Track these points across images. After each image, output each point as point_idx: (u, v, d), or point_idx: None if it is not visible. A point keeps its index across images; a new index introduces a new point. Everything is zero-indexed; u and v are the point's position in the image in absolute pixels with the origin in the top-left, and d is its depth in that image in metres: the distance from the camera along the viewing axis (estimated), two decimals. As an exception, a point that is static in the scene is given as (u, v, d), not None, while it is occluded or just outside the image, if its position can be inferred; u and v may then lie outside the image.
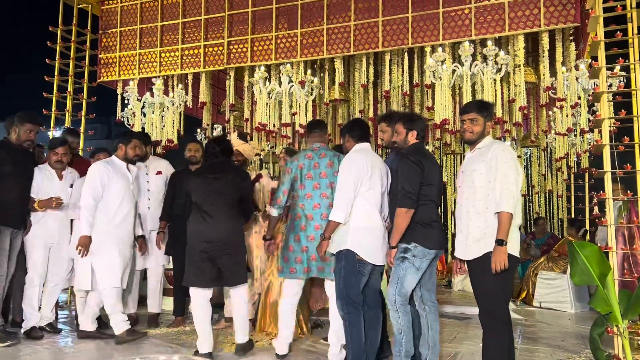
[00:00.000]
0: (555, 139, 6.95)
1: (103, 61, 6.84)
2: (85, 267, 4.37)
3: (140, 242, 4.81)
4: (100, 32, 6.88)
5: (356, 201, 3.41)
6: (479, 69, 5.22)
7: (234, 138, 5.08)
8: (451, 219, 9.92)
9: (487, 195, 3.11)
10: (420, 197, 3.29)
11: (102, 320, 4.70)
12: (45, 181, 4.57)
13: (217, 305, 5.71)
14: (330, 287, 3.73)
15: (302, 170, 3.78)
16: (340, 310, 3.44)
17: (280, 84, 6.04)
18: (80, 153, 6.37)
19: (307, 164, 3.78)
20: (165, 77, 6.79)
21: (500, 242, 3.01)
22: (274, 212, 3.92)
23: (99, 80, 6.87)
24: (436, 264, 3.56)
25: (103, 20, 6.90)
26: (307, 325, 4.68)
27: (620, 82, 5.03)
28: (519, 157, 8.15)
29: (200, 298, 3.89)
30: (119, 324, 4.34)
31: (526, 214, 9.54)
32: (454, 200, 9.81)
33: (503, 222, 3.02)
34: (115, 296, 4.32)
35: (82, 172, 4.77)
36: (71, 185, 4.71)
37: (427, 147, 3.87)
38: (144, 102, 6.74)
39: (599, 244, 4.96)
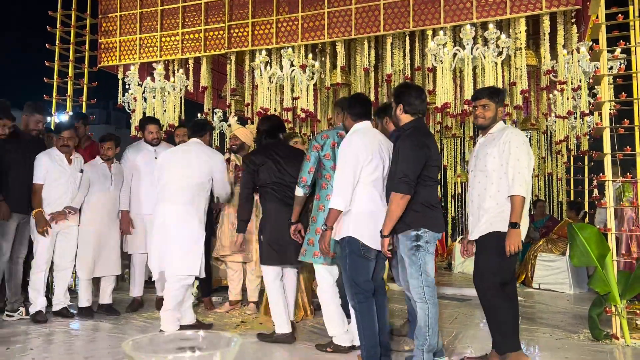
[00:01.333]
0: (556, 122, 6.97)
1: (103, 46, 6.82)
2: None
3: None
4: (100, 16, 6.85)
5: (358, 186, 3.20)
6: (480, 52, 5.23)
7: (232, 122, 5.11)
8: (451, 202, 9.97)
9: (500, 178, 3.18)
10: (425, 179, 3.08)
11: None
12: (55, 165, 4.61)
13: (221, 288, 5.80)
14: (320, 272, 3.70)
15: (334, 148, 3.56)
16: (350, 301, 3.27)
17: (281, 68, 6.04)
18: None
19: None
20: (166, 62, 6.78)
21: (514, 225, 3.09)
22: (300, 191, 3.67)
23: (99, 65, 6.86)
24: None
25: (102, 4, 6.86)
26: (311, 306, 4.76)
27: (621, 64, 5.04)
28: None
29: (277, 278, 3.94)
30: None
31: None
32: (454, 183, 9.87)
33: (516, 205, 3.09)
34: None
35: (92, 156, 4.96)
36: (81, 171, 4.77)
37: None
38: (145, 87, 6.74)
39: (598, 226, 5.02)
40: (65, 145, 4.66)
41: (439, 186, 8.10)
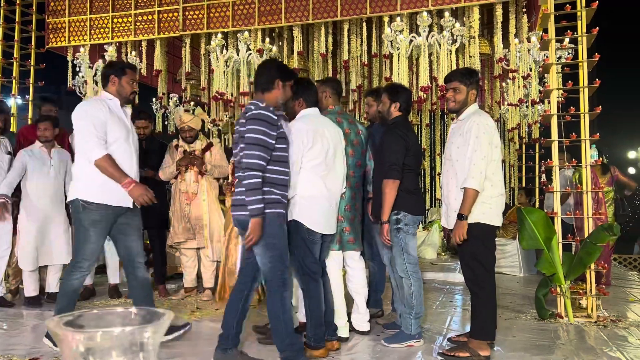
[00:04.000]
0: (508, 110, 7.16)
1: (51, 26, 6.54)
2: None
3: None
4: (47, -6, 6.56)
5: (300, 171, 3.19)
6: (436, 40, 5.29)
7: (183, 114, 5.01)
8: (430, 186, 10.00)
9: (464, 168, 3.18)
10: (404, 167, 3.42)
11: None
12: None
13: (176, 275, 5.73)
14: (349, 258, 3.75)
15: (349, 135, 3.68)
16: (299, 282, 3.33)
17: (237, 52, 5.95)
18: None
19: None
20: (118, 44, 6.57)
21: (460, 217, 3.14)
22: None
23: (47, 46, 6.57)
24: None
25: (50, -18, 6.57)
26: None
27: (569, 54, 5.21)
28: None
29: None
30: None
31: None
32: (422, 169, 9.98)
33: (466, 197, 3.12)
34: None
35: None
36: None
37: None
38: (96, 69, 6.52)
39: (546, 210, 5.21)
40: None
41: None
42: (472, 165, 3.11)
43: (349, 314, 3.75)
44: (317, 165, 3.22)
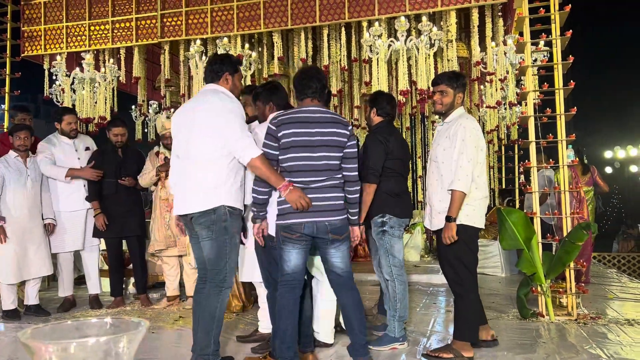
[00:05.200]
0: (487, 112, 7.24)
1: (27, 34, 6.45)
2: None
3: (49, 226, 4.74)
4: (22, 2, 6.46)
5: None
6: (414, 44, 5.34)
7: (165, 120, 4.98)
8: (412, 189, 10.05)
9: (450, 170, 3.19)
10: (387, 171, 3.49)
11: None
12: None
13: (158, 284, 5.68)
14: None
15: None
16: (268, 289, 3.28)
17: (217, 58, 5.92)
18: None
19: None
20: (95, 52, 6.50)
21: (449, 219, 3.14)
22: None
23: (22, 55, 6.48)
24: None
25: (25, -10, 6.49)
26: (251, 298, 4.72)
27: (544, 56, 5.30)
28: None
29: None
30: None
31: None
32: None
33: (454, 199, 3.13)
34: None
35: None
36: None
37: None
38: (74, 77, 6.44)
39: (526, 211, 5.27)
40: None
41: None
42: (459, 168, 3.13)
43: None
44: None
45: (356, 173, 3.03)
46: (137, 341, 0.78)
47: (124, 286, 5.28)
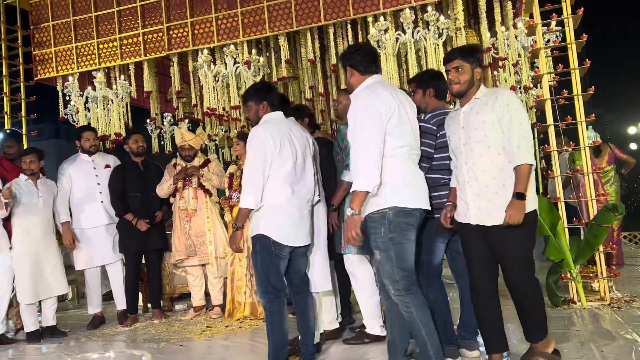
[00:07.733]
0: (502, 98, 7.09)
1: (38, 58, 6.54)
2: None
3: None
4: (31, 27, 6.56)
5: (267, 180, 3.07)
6: (421, 35, 5.26)
7: (184, 130, 5.04)
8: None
9: (504, 148, 2.74)
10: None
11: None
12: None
13: (184, 295, 5.70)
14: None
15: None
16: (261, 299, 3.19)
17: (225, 66, 5.93)
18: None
19: None
20: (106, 69, 6.56)
21: (520, 196, 2.66)
22: (347, 177, 3.43)
23: (36, 78, 6.58)
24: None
25: (33, 14, 6.57)
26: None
27: (556, 37, 5.16)
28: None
29: None
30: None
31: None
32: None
33: (523, 174, 2.67)
34: None
35: (10, 178, 4.71)
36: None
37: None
38: (87, 96, 6.50)
39: (549, 196, 5.15)
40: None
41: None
42: (522, 139, 2.68)
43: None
44: (286, 171, 3.09)
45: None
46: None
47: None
